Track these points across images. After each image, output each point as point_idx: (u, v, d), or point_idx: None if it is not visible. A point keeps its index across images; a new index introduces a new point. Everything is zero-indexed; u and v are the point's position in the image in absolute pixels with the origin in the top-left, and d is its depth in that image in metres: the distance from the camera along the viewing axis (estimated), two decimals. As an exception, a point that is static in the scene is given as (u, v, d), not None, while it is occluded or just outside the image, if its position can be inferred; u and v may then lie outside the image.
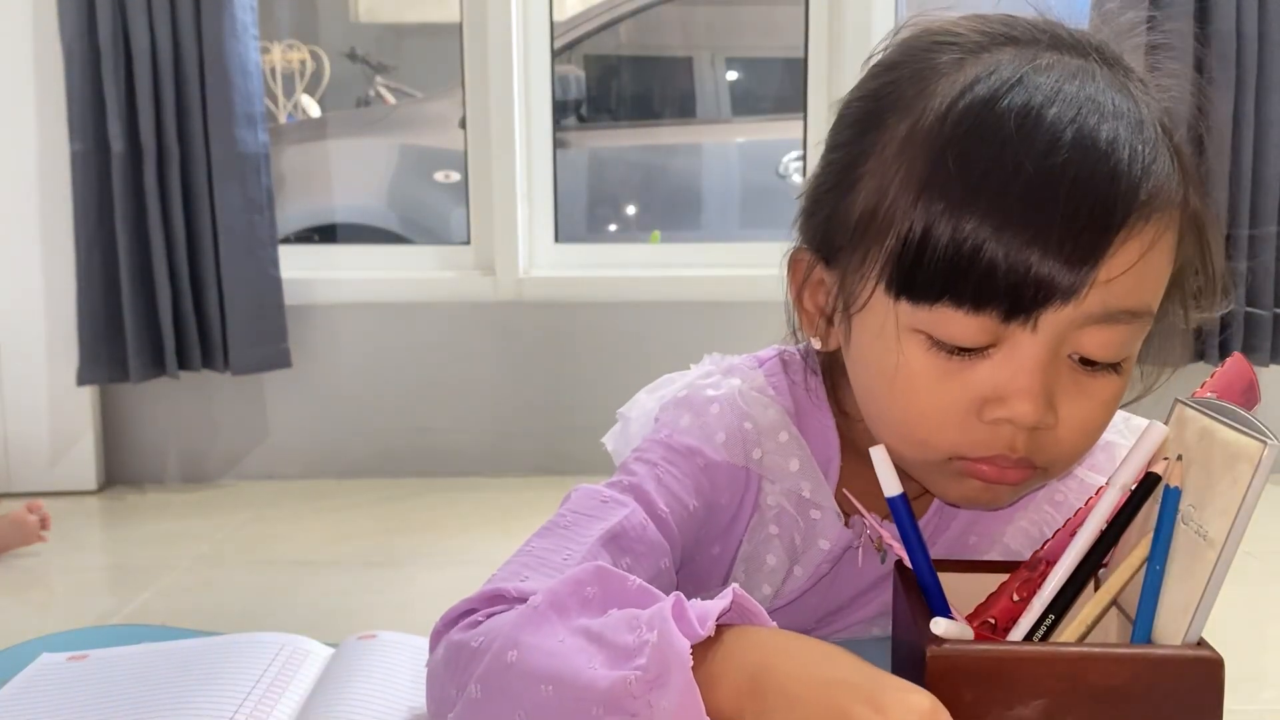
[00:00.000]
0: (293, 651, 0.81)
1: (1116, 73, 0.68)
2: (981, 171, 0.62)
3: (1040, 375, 0.64)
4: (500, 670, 0.61)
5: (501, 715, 0.61)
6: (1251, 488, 0.56)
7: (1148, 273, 0.64)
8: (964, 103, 0.64)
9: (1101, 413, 0.68)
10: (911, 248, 0.63)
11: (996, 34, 0.68)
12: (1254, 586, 1.89)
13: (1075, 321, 0.63)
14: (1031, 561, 0.67)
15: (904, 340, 0.66)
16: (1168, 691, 0.57)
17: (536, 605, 0.62)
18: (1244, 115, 2.38)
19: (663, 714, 0.55)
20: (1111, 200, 0.62)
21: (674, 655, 0.55)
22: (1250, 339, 2.45)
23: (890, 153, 0.66)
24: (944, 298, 0.63)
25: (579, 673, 0.58)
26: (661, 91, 3.78)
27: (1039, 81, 0.64)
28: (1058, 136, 0.62)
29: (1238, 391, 0.66)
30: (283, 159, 3.17)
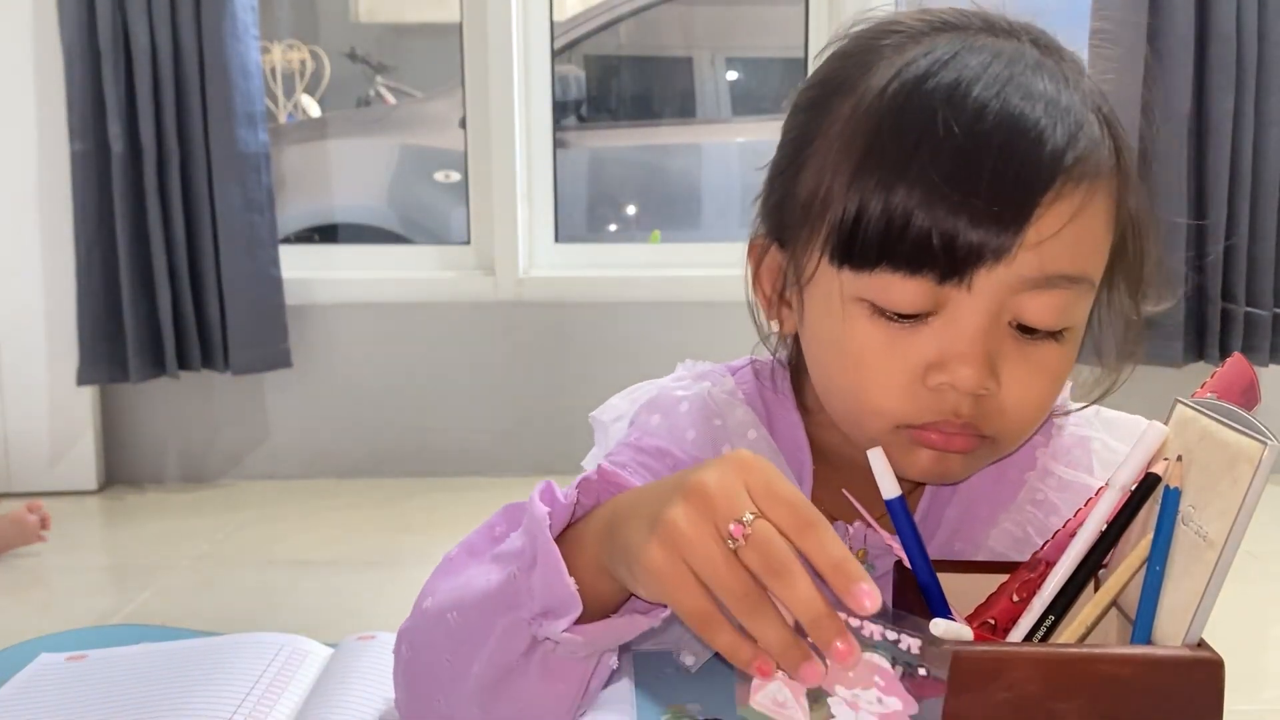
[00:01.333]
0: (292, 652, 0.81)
1: (1048, 55, 0.70)
2: (913, 142, 0.65)
3: (980, 340, 0.66)
4: (418, 620, 0.65)
5: (430, 662, 0.65)
6: (1251, 488, 0.56)
7: (1082, 237, 0.66)
8: (898, 81, 0.67)
9: (1046, 382, 0.69)
10: (850, 217, 0.66)
11: (936, 21, 0.72)
12: (1254, 586, 1.90)
13: (1012, 285, 0.65)
14: (1031, 562, 0.67)
15: (849, 309, 0.68)
16: (1168, 692, 0.57)
17: (452, 555, 0.66)
18: (1244, 115, 2.39)
19: (538, 589, 0.58)
20: (1037, 162, 0.64)
21: (535, 525, 0.58)
22: (1250, 339, 2.45)
23: (834, 132, 0.69)
24: (882, 263, 0.65)
25: (475, 590, 0.62)
26: (661, 91, 3.78)
27: (969, 60, 0.67)
28: (985, 106, 0.64)
29: (1238, 392, 0.66)
30: (283, 159, 3.17)
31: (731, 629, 0.52)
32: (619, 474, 0.62)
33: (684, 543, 0.52)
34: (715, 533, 0.52)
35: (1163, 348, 2.42)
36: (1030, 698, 0.56)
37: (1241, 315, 2.45)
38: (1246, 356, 2.51)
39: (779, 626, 0.51)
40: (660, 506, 0.54)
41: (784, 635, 0.50)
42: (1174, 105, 2.38)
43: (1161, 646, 0.59)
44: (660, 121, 3.75)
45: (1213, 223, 2.43)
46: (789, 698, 0.51)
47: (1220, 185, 2.41)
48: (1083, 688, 0.56)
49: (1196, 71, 2.39)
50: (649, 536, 0.53)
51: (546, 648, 0.60)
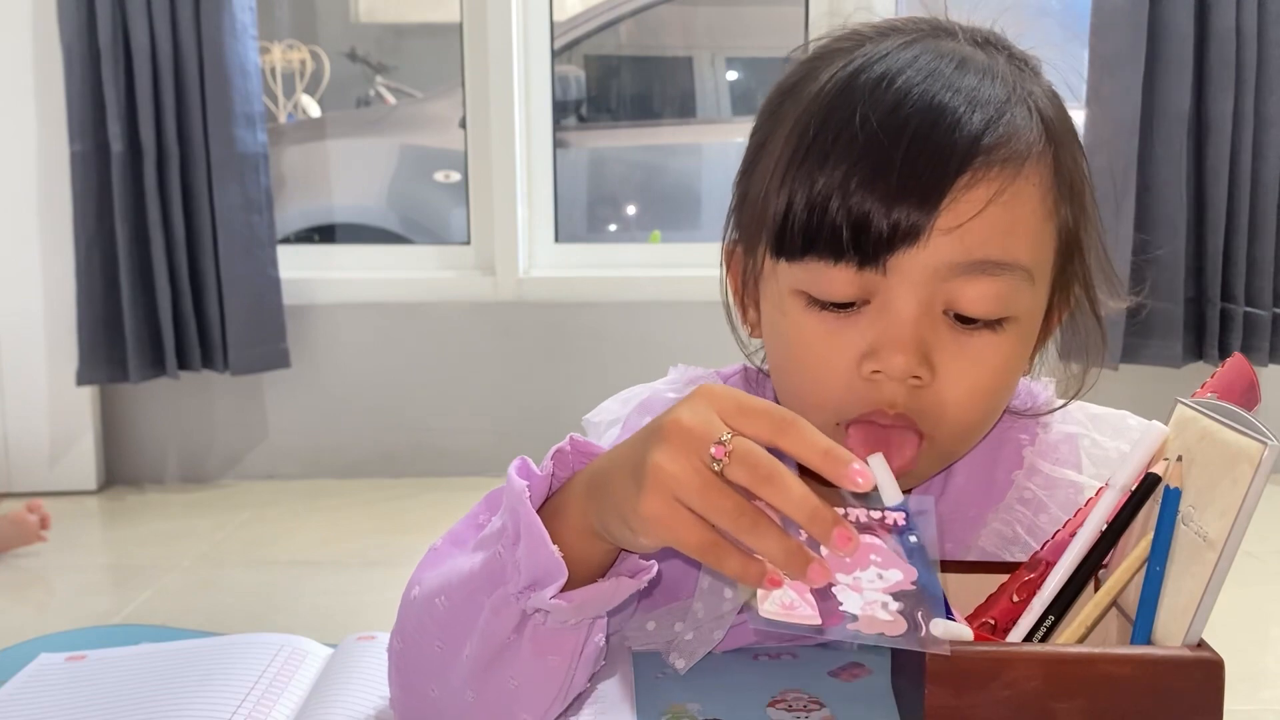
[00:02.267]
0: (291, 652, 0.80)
1: (990, 53, 0.71)
2: (835, 133, 0.66)
3: (910, 326, 0.66)
4: (406, 610, 0.66)
5: (423, 650, 0.65)
6: (1251, 489, 0.55)
7: (1007, 222, 0.66)
8: (834, 80, 0.68)
9: (985, 375, 0.68)
10: (780, 210, 0.67)
11: (885, 28, 0.73)
12: (1254, 586, 1.89)
13: (936, 270, 0.65)
14: (1031, 562, 0.67)
15: (789, 301, 0.69)
16: (1168, 692, 0.57)
17: (437, 546, 0.67)
18: (1244, 115, 2.39)
19: (523, 563, 0.59)
20: (950, 145, 0.65)
21: (514, 498, 0.60)
22: (1250, 339, 2.45)
23: (780, 133, 0.71)
24: (809, 252, 0.66)
25: (461, 572, 0.63)
26: (661, 91, 3.78)
27: (901, 56, 0.68)
28: (905, 95, 0.65)
29: (1238, 392, 0.66)
30: (282, 159, 3.17)
31: (738, 553, 0.53)
32: (590, 443, 0.63)
33: (672, 481, 0.53)
34: (699, 463, 0.53)
35: (1162, 348, 2.42)
36: (1030, 697, 0.56)
37: (1241, 315, 2.45)
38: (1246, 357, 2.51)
39: (779, 536, 0.52)
40: (641, 455, 0.55)
41: (785, 543, 0.52)
42: (1174, 105, 2.38)
43: (1162, 647, 0.59)
44: (660, 121, 3.75)
45: (1212, 222, 2.43)
46: (794, 598, 0.53)
47: (1220, 185, 2.41)
48: (1083, 687, 0.56)
49: (1196, 71, 2.39)
50: (638, 486, 0.54)
51: (536, 620, 0.60)
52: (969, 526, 0.78)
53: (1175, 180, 2.40)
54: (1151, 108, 2.40)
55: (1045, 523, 0.74)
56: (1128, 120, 2.39)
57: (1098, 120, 2.43)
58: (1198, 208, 2.44)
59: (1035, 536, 0.74)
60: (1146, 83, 2.38)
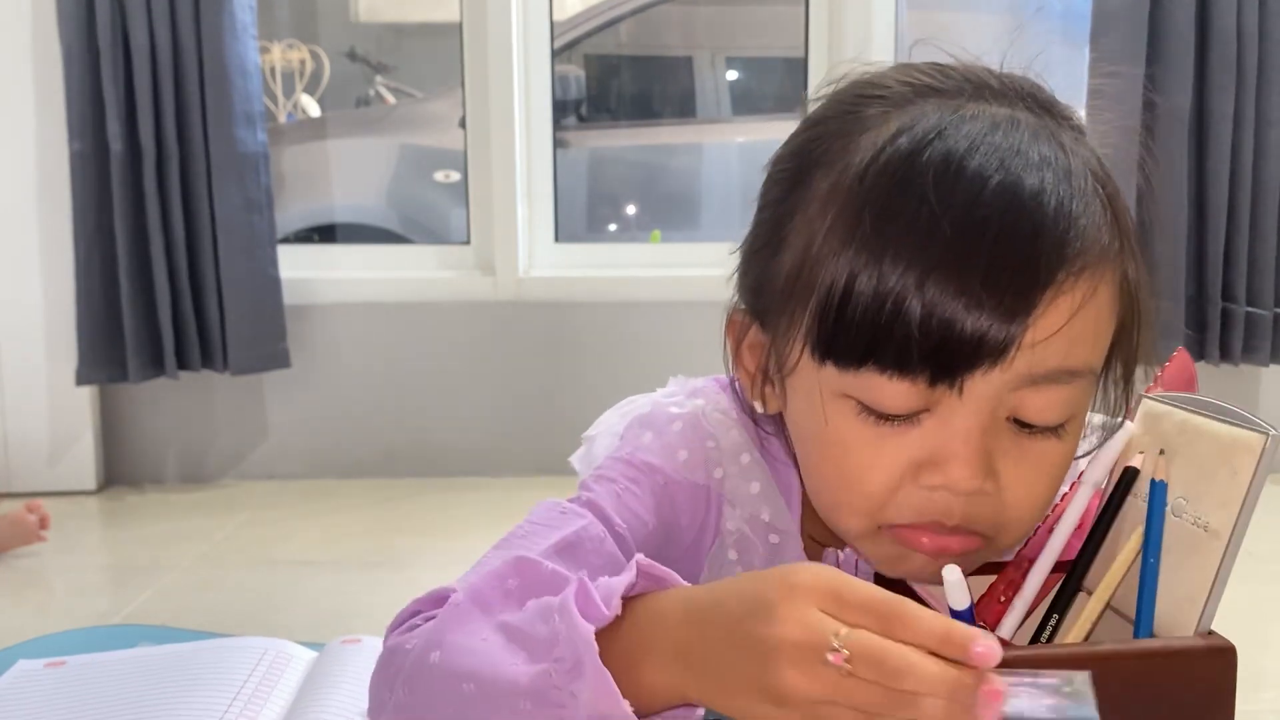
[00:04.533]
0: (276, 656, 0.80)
1: (1045, 120, 0.66)
2: (902, 227, 0.60)
3: (976, 440, 0.62)
4: (424, 671, 0.61)
5: (429, 715, 0.61)
6: (1256, 478, 0.56)
7: (1083, 331, 0.62)
8: (885, 156, 0.62)
9: (1046, 478, 0.65)
10: (833, 309, 0.61)
11: (921, 85, 0.67)
12: (1254, 586, 1.89)
13: (1007, 384, 0.61)
14: (1017, 560, 0.67)
15: (834, 405, 0.64)
16: (1182, 682, 0.58)
17: (459, 603, 0.62)
18: (1244, 115, 2.38)
19: (585, 701, 0.55)
20: (1036, 257, 0.60)
21: (581, 642, 0.55)
22: (1250, 339, 2.45)
23: (814, 210, 0.65)
24: (868, 361, 0.61)
25: (500, 669, 0.58)
26: (661, 91, 3.78)
27: (961, 132, 0.62)
28: (979, 190, 0.59)
29: (1181, 384, 0.67)
30: (282, 159, 3.17)
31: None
32: (656, 568, 0.59)
33: (809, 699, 0.50)
34: (826, 673, 0.49)
35: (1162, 348, 2.41)
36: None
37: (1242, 315, 2.44)
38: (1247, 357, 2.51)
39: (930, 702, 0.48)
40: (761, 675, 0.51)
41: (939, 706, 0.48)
42: (1173, 104, 2.38)
43: (1176, 637, 0.59)
44: (660, 121, 3.75)
45: (1212, 222, 2.43)
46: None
47: (1220, 185, 2.41)
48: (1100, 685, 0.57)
49: (1196, 70, 2.39)
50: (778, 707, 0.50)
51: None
52: None
53: (1175, 180, 2.40)
54: (1151, 107, 2.39)
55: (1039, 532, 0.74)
56: (1128, 120, 2.38)
57: (1097, 120, 2.42)
58: (1198, 207, 2.44)
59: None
60: (1146, 82, 2.37)
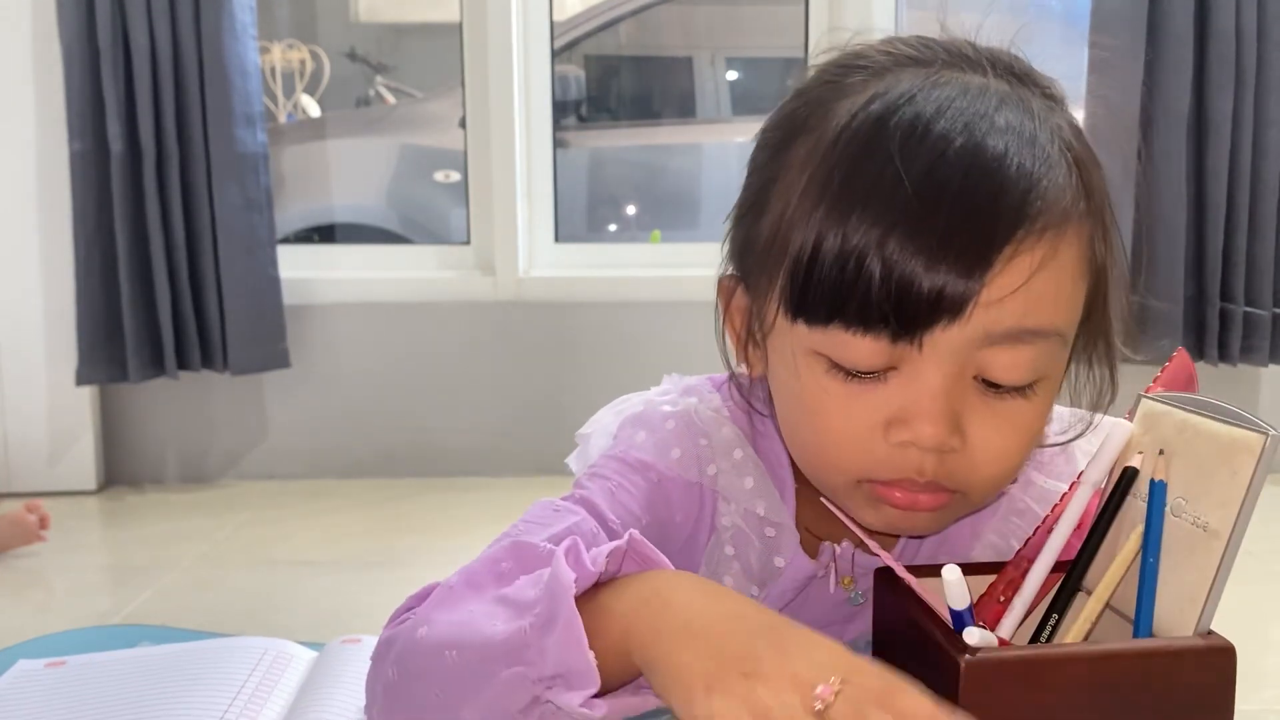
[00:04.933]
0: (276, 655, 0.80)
1: (1019, 89, 0.66)
2: (867, 188, 0.61)
3: (942, 398, 0.63)
4: (411, 648, 0.62)
5: (418, 693, 0.62)
6: (1255, 478, 0.57)
7: (1043, 291, 0.62)
8: (857, 121, 0.64)
9: (1016, 437, 0.66)
10: (802, 267, 0.63)
11: (902, 55, 0.68)
12: (1253, 586, 1.89)
13: (971, 342, 0.62)
14: (1016, 560, 0.67)
15: (806, 363, 0.65)
16: (1184, 682, 0.58)
17: (451, 585, 0.63)
18: (1243, 115, 2.38)
19: (551, 653, 0.56)
20: (995, 215, 0.60)
21: (559, 588, 0.56)
22: (1249, 339, 2.45)
23: (792, 175, 0.66)
24: (834, 319, 0.62)
25: (479, 632, 0.59)
26: (661, 91, 3.78)
27: (931, 97, 0.63)
28: (942, 151, 0.61)
29: (1181, 384, 0.67)
30: (282, 159, 3.17)
31: None
32: (649, 549, 0.60)
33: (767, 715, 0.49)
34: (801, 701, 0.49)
35: (1160, 348, 2.41)
36: (1045, 699, 0.57)
37: (1241, 315, 2.44)
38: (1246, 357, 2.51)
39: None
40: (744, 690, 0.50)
41: None
42: (1173, 104, 2.38)
43: (1175, 637, 0.59)
44: (660, 121, 3.75)
45: (1212, 222, 2.43)
46: None
47: (1219, 185, 2.41)
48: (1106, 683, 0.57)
49: (1196, 70, 2.39)
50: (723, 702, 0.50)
51: (547, 709, 0.58)
52: (964, 540, 0.78)
53: (1175, 180, 2.40)
54: (1151, 108, 2.40)
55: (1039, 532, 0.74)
56: (1127, 120, 2.39)
57: (1096, 120, 2.43)
58: (1197, 207, 2.44)
59: None
60: (1146, 83, 2.38)
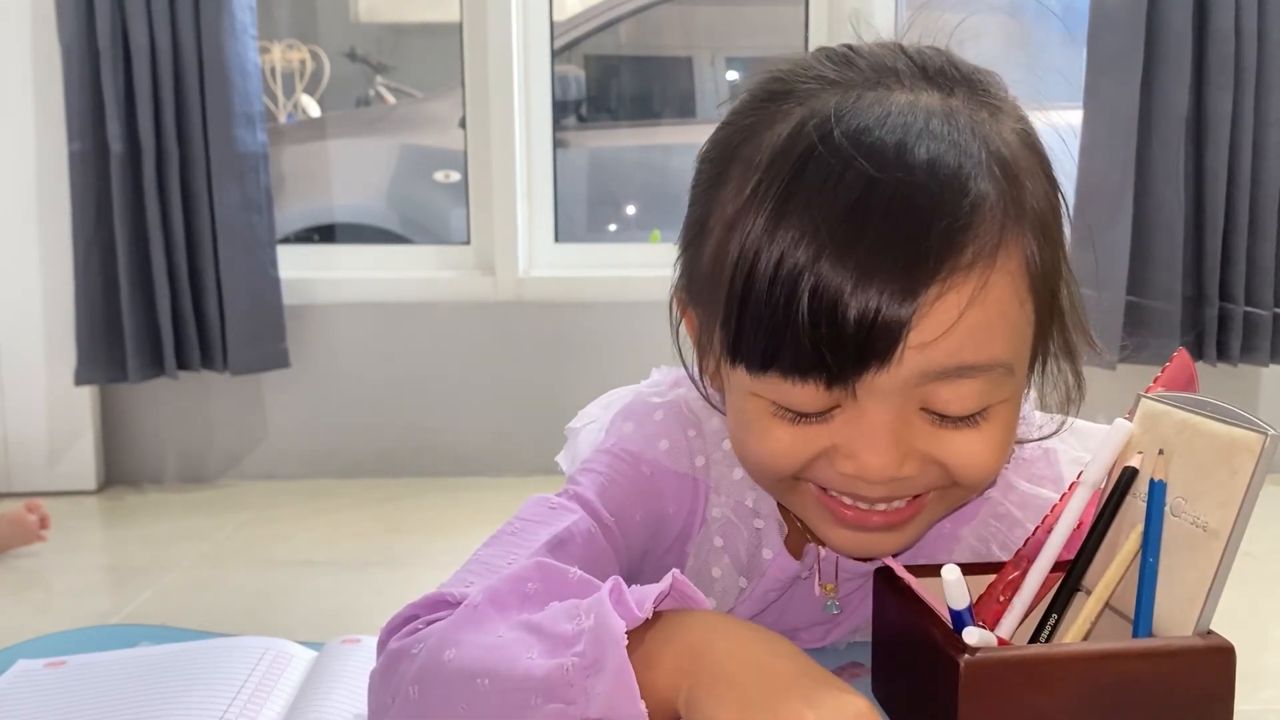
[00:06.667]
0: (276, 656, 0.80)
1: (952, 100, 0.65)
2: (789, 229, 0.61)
3: (885, 434, 0.62)
4: (437, 669, 0.61)
5: (441, 714, 0.61)
6: (1255, 478, 0.56)
7: (979, 324, 0.61)
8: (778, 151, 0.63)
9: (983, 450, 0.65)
10: (734, 312, 0.63)
11: (825, 78, 0.67)
12: (1252, 585, 1.89)
13: (908, 383, 0.61)
14: (1016, 560, 0.67)
15: (750, 403, 0.65)
16: (1181, 682, 0.58)
17: (476, 604, 0.62)
18: (1243, 115, 2.39)
19: (599, 698, 0.55)
20: (916, 256, 0.59)
21: (609, 637, 0.55)
22: (1249, 339, 2.45)
23: (727, 208, 0.66)
24: (770, 368, 0.62)
25: (515, 663, 0.58)
26: (661, 91, 3.78)
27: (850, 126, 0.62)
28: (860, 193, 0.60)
29: (1181, 384, 0.67)
30: (282, 159, 3.17)
31: None
32: (688, 585, 0.59)
33: None
34: None
35: (1161, 347, 2.42)
36: (1045, 698, 0.57)
37: (1240, 315, 2.45)
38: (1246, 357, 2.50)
39: None
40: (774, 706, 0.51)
41: None
42: (1172, 104, 2.38)
43: (1175, 637, 0.59)
44: (660, 121, 3.75)
45: (1211, 222, 2.43)
46: None
47: (1219, 185, 2.41)
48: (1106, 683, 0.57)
49: (1195, 71, 2.39)
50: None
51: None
52: (943, 542, 0.77)
53: (1174, 180, 2.40)
54: (1150, 108, 2.40)
55: (1020, 538, 0.73)
56: (1126, 120, 2.39)
57: (1096, 120, 2.43)
58: (1196, 207, 2.44)
59: (1009, 553, 0.73)
60: (1145, 83, 2.38)
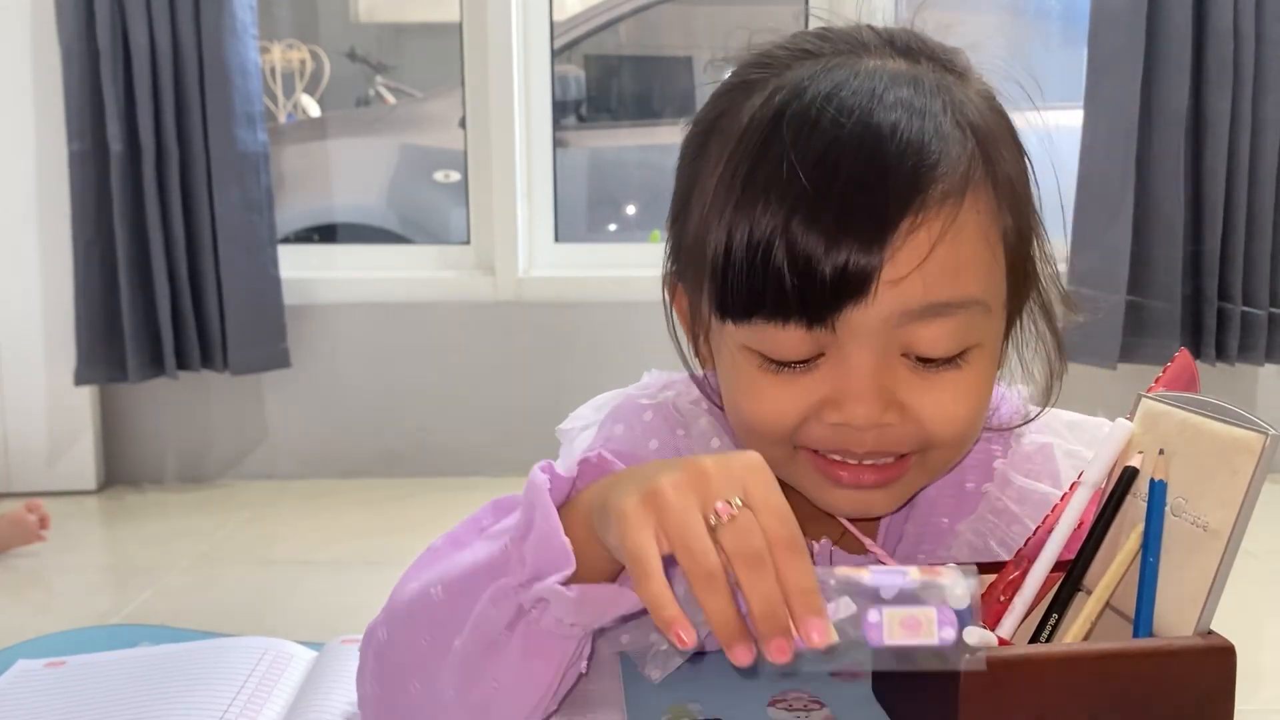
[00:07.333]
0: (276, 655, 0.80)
1: (917, 68, 0.68)
2: (766, 179, 0.63)
3: (869, 377, 0.64)
4: (398, 605, 0.65)
5: (408, 645, 0.65)
6: (1255, 478, 0.57)
7: (950, 261, 0.63)
8: (756, 118, 0.66)
9: (962, 402, 0.67)
10: (718, 268, 0.65)
11: (800, 50, 0.70)
12: (1252, 585, 1.89)
13: (887, 321, 0.63)
14: (1016, 560, 0.67)
15: (740, 358, 0.67)
16: (1184, 681, 0.58)
17: (436, 546, 0.67)
18: (1242, 115, 2.39)
19: (531, 555, 0.58)
20: (887, 193, 0.62)
21: (534, 491, 0.59)
22: (1246, 339, 2.45)
23: (706, 177, 0.69)
24: (754, 314, 0.64)
25: (462, 563, 0.62)
26: (661, 91, 3.78)
27: (822, 84, 0.65)
28: (834, 135, 0.62)
29: (1182, 385, 0.67)
30: (282, 159, 3.17)
31: (667, 588, 0.53)
32: (613, 461, 0.63)
33: (664, 503, 0.54)
34: (698, 505, 0.53)
35: (1159, 347, 2.42)
36: (1045, 698, 0.57)
37: (1238, 315, 2.45)
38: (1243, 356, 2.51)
39: (729, 607, 0.52)
40: (655, 475, 0.55)
41: (730, 615, 0.52)
42: (1172, 104, 2.38)
43: (1175, 637, 0.59)
44: (660, 121, 3.75)
45: (1209, 222, 2.43)
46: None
47: (1217, 184, 2.41)
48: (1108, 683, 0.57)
49: (1194, 70, 2.39)
50: (635, 493, 0.55)
51: (531, 618, 0.60)
52: (940, 538, 0.78)
53: (1173, 180, 2.40)
54: (1149, 108, 2.40)
55: (1018, 534, 0.74)
56: (1126, 120, 2.39)
57: (1096, 120, 2.43)
58: (1195, 207, 2.44)
59: (1007, 548, 0.73)
60: (1145, 83, 2.38)
